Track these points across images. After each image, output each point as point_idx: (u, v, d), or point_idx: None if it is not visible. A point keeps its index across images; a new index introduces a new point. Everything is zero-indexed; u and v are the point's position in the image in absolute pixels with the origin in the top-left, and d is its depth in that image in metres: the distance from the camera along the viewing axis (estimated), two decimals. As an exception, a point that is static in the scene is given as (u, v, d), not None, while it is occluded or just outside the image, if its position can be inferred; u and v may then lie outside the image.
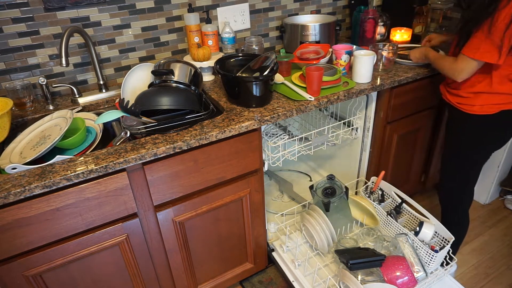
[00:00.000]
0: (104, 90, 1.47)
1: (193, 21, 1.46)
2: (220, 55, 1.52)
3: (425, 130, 1.76)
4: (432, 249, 1.29)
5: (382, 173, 1.55)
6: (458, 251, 1.73)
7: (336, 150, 1.87)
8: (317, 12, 1.90)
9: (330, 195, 1.47)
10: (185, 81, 1.25)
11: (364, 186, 1.65)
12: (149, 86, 1.26)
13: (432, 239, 1.37)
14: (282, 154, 1.45)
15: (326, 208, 1.46)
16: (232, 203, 1.34)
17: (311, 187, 1.53)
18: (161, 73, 1.26)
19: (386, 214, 1.48)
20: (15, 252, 1.00)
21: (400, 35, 1.81)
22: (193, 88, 1.26)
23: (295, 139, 1.47)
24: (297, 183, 2.00)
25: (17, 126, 1.30)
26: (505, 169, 2.02)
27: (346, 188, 1.49)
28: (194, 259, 1.38)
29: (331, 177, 1.52)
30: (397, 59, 1.58)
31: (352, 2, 1.93)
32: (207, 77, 1.53)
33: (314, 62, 1.51)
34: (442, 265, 1.37)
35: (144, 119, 1.18)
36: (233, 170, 1.26)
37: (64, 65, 1.22)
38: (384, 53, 1.49)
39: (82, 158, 1.02)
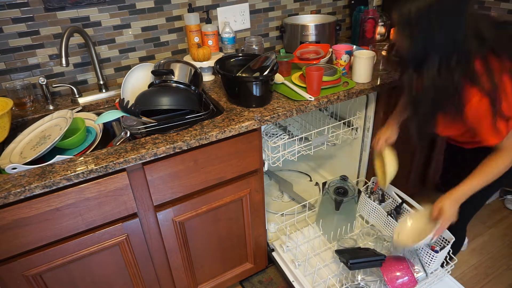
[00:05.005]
0: (104, 90, 1.47)
1: (193, 21, 1.46)
2: (220, 55, 1.51)
3: (425, 130, 1.76)
4: (432, 249, 1.29)
5: (382, 173, 1.55)
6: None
7: (336, 150, 1.87)
8: (317, 12, 1.90)
9: (341, 195, 1.47)
10: (185, 81, 1.25)
11: (365, 186, 1.65)
12: (149, 86, 1.26)
13: (432, 239, 1.37)
14: (282, 154, 1.45)
15: (337, 206, 1.46)
16: (232, 203, 1.34)
17: (324, 184, 1.53)
18: (161, 73, 1.26)
19: (386, 214, 1.48)
20: (15, 252, 1.00)
21: (400, 35, 1.81)
22: (193, 88, 1.26)
23: (295, 139, 1.47)
24: (297, 183, 2.00)
25: (17, 126, 1.30)
26: (505, 169, 2.01)
27: (359, 191, 1.49)
28: (194, 259, 1.38)
29: (344, 178, 1.52)
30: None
31: (352, 2, 1.93)
32: (207, 77, 1.53)
33: (314, 62, 1.51)
34: (442, 265, 1.37)
35: (144, 119, 1.18)
36: (233, 170, 1.26)
37: (64, 65, 1.22)
38: (384, 53, 1.49)
39: (82, 158, 1.02)
